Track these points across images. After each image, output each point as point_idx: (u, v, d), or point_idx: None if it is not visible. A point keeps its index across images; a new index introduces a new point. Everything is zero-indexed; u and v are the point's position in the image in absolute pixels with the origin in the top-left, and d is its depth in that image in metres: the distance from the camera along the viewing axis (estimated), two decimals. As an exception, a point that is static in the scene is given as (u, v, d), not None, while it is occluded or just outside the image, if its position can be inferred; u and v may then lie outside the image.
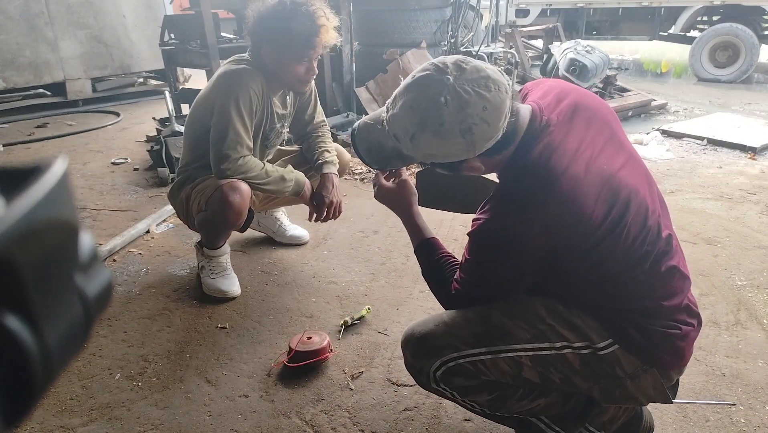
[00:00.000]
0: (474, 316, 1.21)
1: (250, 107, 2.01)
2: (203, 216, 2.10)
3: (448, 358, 1.20)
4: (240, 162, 1.98)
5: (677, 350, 1.16)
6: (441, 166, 1.17)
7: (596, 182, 1.07)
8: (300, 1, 1.95)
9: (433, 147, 1.08)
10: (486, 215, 1.11)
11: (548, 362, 1.17)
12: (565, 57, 5.22)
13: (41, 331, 0.27)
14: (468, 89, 1.03)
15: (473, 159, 1.10)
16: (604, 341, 1.15)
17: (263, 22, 1.97)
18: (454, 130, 1.03)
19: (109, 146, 4.61)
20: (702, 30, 7.76)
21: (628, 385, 1.17)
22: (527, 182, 1.09)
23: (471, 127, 1.03)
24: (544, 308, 1.18)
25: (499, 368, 1.19)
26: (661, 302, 1.14)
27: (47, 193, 0.27)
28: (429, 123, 1.05)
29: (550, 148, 1.09)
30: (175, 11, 7.46)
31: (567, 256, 1.10)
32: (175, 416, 1.63)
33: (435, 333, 1.22)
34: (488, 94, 1.03)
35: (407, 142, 1.10)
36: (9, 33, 5.54)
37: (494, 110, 1.03)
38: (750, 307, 2.10)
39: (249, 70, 2.03)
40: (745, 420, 1.56)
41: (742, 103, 5.87)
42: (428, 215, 3.17)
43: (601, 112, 1.21)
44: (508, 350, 1.18)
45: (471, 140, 1.05)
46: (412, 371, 1.28)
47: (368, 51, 4.89)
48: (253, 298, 2.26)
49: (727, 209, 3.03)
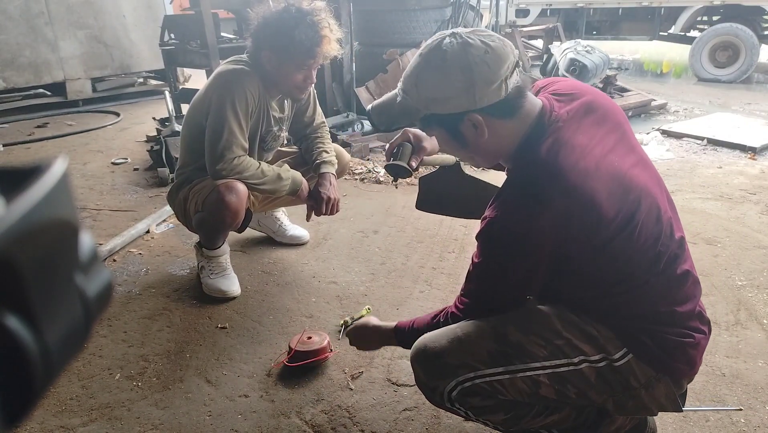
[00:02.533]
0: (489, 332, 1.17)
1: (246, 108, 2.00)
2: (200, 217, 2.10)
3: (464, 378, 1.16)
4: (235, 162, 1.97)
5: (689, 359, 1.14)
6: (443, 123, 1.13)
7: (606, 178, 1.05)
8: (306, 10, 1.95)
9: (433, 86, 1.08)
10: (493, 212, 1.09)
11: (565, 378, 1.14)
12: (565, 57, 5.23)
13: (41, 331, 0.27)
14: (473, 36, 1.07)
15: (474, 114, 1.07)
16: (619, 351, 1.13)
17: (267, 27, 1.97)
18: (454, 66, 1.05)
19: (109, 146, 4.61)
20: (702, 30, 7.76)
21: (642, 395, 1.14)
22: (535, 176, 1.07)
23: (471, 65, 1.04)
24: (559, 321, 1.15)
25: (517, 388, 1.15)
26: (675, 307, 1.12)
27: (47, 193, 0.27)
28: (432, 60, 1.08)
29: (559, 143, 1.07)
30: (175, 11, 7.46)
31: (577, 253, 1.08)
32: (175, 416, 1.63)
33: (449, 351, 1.17)
34: (492, 43, 1.06)
35: (412, 89, 1.11)
36: (9, 33, 5.53)
37: (497, 56, 1.05)
38: (750, 307, 2.10)
39: (246, 71, 2.03)
40: (745, 420, 1.56)
41: (742, 103, 5.87)
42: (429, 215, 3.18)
43: (613, 114, 1.19)
44: (526, 369, 1.14)
45: (471, 79, 1.04)
46: (425, 389, 1.23)
47: (368, 51, 4.89)
48: (253, 298, 2.26)
49: (727, 209, 3.03)
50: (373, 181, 3.60)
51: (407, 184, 3.52)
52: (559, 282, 1.16)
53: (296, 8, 1.95)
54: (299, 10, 1.94)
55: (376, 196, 3.37)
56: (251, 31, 2.04)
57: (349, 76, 4.68)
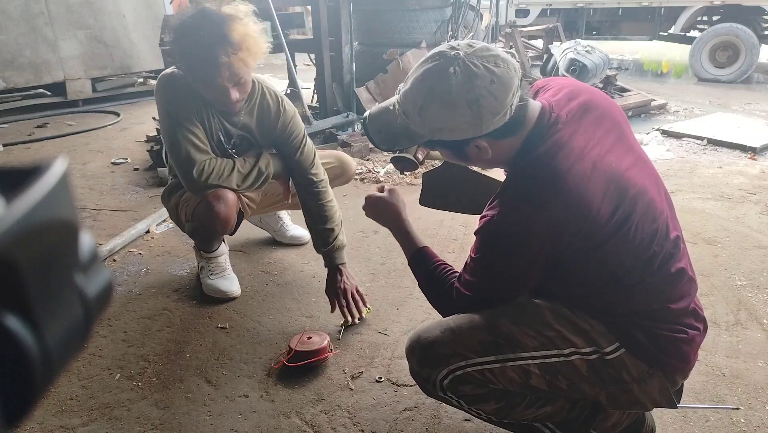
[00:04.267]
0: (481, 323, 1.19)
1: (185, 110, 1.89)
2: (191, 226, 2.09)
3: (455, 366, 1.19)
4: (205, 169, 1.87)
5: (683, 355, 1.15)
6: (447, 146, 1.15)
7: (603, 180, 1.07)
8: (209, 14, 1.73)
9: (439, 119, 1.08)
10: (491, 211, 1.12)
11: (556, 369, 1.16)
12: (565, 57, 5.23)
13: (41, 331, 0.27)
14: (477, 63, 1.05)
15: (480, 139, 1.09)
16: (611, 345, 1.14)
17: (176, 46, 1.79)
18: (461, 101, 1.05)
19: (109, 146, 4.61)
20: (702, 30, 7.76)
21: (634, 389, 1.16)
22: (532, 179, 1.10)
23: (478, 98, 1.04)
24: (551, 313, 1.17)
25: (507, 377, 1.18)
26: (669, 305, 1.13)
27: (47, 193, 0.27)
28: (437, 93, 1.07)
29: (557, 145, 1.09)
30: (175, 11, 7.46)
31: (572, 254, 1.10)
32: (175, 416, 1.63)
33: (442, 340, 1.20)
34: (497, 69, 1.05)
35: (415, 116, 1.11)
36: (9, 33, 5.53)
37: (502, 84, 1.05)
38: (750, 307, 2.10)
39: (176, 75, 1.90)
40: (745, 420, 1.55)
41: (742, 103, 5.87)
42: (428, 215, 3.17)
43: (611, 113, 1.20)
44: (517, 358, 1.16)
45: (478, 113, 1.05)
46: (418, 379, 1.27)
47: (368, 51, 4.89)
48: (253, 298, 2.26)
49: (727, 209, 3.03)
50: (373, 181, 3.60)
51: (407, 185, 3.52)
52: (554, 280, 1.18)
53: (199, 13, 1.74)
54: (203, 14, 1.74)
55: (376, 196, 3.36)
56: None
57: (349, 76, 4.67)
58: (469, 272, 1.20)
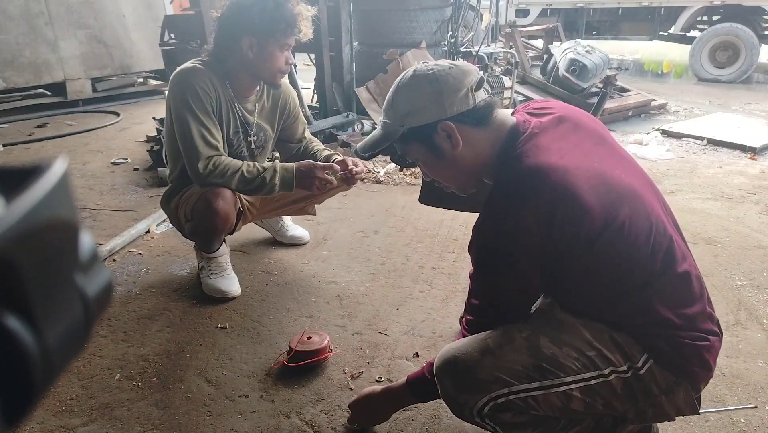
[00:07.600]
0: (522, 344, 1.14)
1: (202, 104, 1.94)
2: (191, 226, 2.10)
3: (496, 394, 1.13)
4: (211, 165, 1.92)
5: (705, 362, 1.14)
6: (420, 138, 1.19)
7: (587, 175, 1.07)
8: None
9: (406, 101, 1.18)
10: (481, 218, 1.13)
11: (596, 391, 1.13)
12: (565, 57, 5.22)
13: (41, 331, 0.27)
14: (442, 62, 1.21)
15: (447, 122, 1.15)
16: (641, 356, 1.12)
17: (244, 11, 1.92)
18: (422, 81, 1.17)
19: (109, 146, 4.61)
20: (702, 30, 7.77)
21: (663, 401, 1.13)
22: (515, 176, 1.10)
23: (437, 76, 1.15)
24: (587, 329, 1.14)
25: (550, 403, 1.13)
26: (684, 310, 1.11)
27: (47, 193, 0.27)
28: (404, 81, 1.20)
29: (537, 147, 1.11)
30: (175, 11, 7.45)
31: (567, 248, 1.07)
32: (175, 416, 1.63)
33: (482, 365, 1.13)
34: (457, 62, 1.21)
35: (390, 111, 1.22)
36: (9, 33, 5.53)
37: (460, 70, 1.17)
38: (750, 307, 2.10)
39: (197, 69, 1.97)
40: (745, 420, 1.55)
41: (742, 103, 5.87)
42: (429, 215, 3.17)
43: (587, 123, 1.23)
44: (561, 384, 1.12)
45: (438, 89, 1.14)
46: (453, 403, 1.19)
47: (368, 51, 4.89)
48: (253, 298, 2.26)
49: (727, 209, 3.03)
50: (373, 181, 3.60)
51: (407, 185, 3.52)
52: (564, 291, 1.16)
53: None
54: None
55: (376, 196, 3.37)
56: (220, 24, 1.98)
57: (349, 76, 4.67)
58: (474, 294, 1.20)
